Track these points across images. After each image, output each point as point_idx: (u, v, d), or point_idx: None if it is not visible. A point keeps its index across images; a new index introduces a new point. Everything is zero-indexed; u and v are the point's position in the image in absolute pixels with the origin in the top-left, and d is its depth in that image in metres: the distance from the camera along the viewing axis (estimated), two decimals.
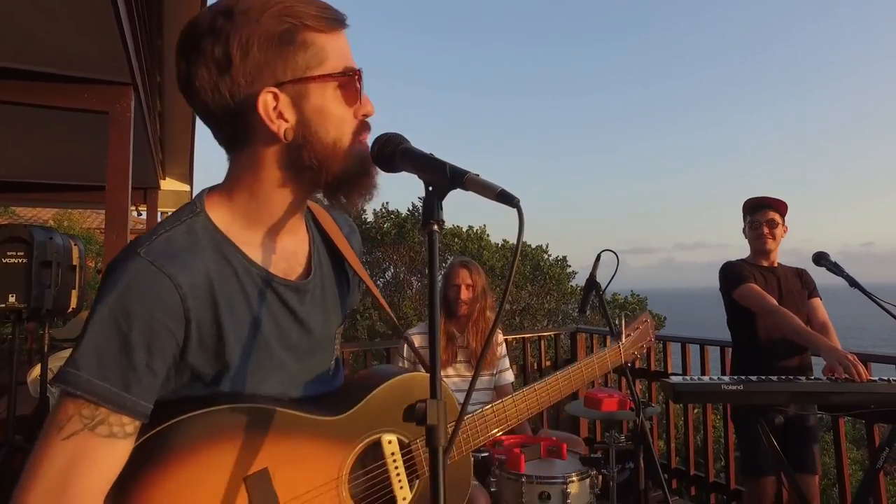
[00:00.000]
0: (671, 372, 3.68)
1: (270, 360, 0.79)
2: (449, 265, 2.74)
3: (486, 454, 2.03)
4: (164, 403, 0.72)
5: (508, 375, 2.71)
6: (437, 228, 0.64)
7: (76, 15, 2.10)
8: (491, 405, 1.04)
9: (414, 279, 11.48)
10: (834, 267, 2.28)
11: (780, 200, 2.55)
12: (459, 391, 2.51)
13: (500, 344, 2.76)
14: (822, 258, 2.32)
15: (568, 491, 1.93)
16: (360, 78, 0.76)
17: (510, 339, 3.62)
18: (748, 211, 2.60)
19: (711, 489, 3.36)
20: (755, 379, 1.99)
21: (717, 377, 2.11)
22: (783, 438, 2.40)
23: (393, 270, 11.76)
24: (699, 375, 2.19)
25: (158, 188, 5.38)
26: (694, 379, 2.05)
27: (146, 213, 5.75)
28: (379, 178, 0.80)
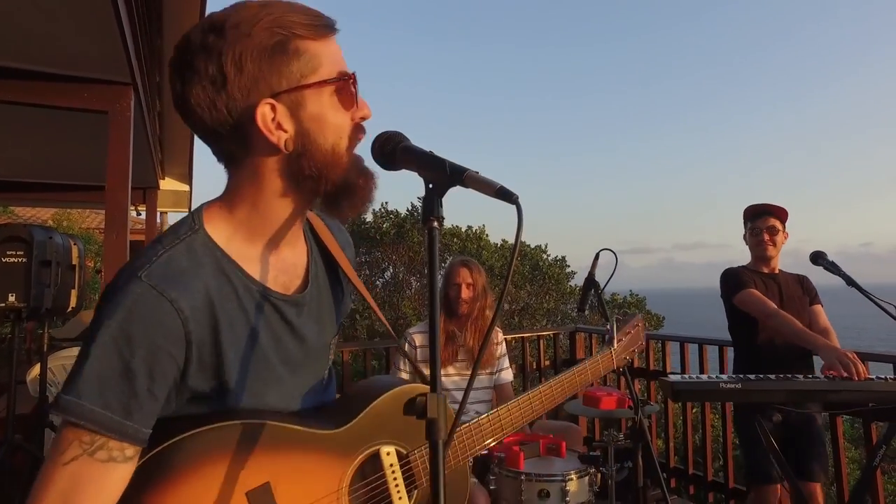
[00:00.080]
0: (670, 371, 3.69)
1: (269, 374, 0.80)
2: (449, 264, 2.74)
3: (485, 452, 2.04)
4: (164, 420, 0.72)
5: (508, 374, 2.72)
6: (437, 225, 0.64)
7: (76, 14, 2.11)
8: (486, 414, 1.06)
9: (413, 279, 11.48)
10: (831, 266, 2.29)
11: (780, 207, 2.57)
12: (459, 389, 2.52)
13: (499, 343, 2.77)
14: (819, 257, 2.33)
15: (567, 489, 1.94)
16: (354, 82, 0.76)
17: (509, 338, 3.63)
18: (749, 217, 2.62)
19: (710, 488, 3.37)
20: (753, 377, 2.00)
21: (715, 376, 2.11)
22: (788, 442, 2.39)
23: (392, 270, 11.76)
24: (697, 374, 2.20)
25: (158, 188, 5.39)
26: (692, 377, 2.06)
27: (145, 212, 5.76)
28: (377, 183, 0.80)
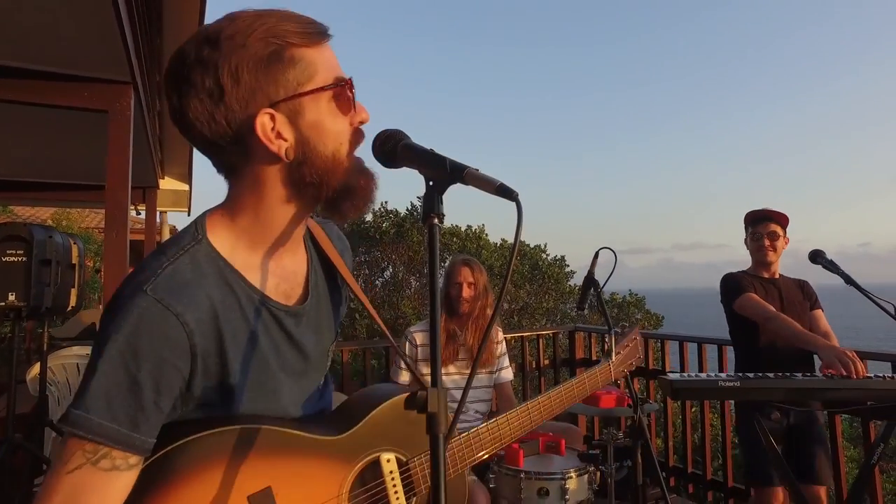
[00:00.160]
0: (669, 370, 3.70)
1: (270, 382, 0.81)
2: (450, 263, 2.74)
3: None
4: (167, 426, 0.73)
5: (507, 374, 2.72)
6: (437, 222, 0.65)
7: (76, 13, 2.11)
8: (485, 424, 1.07)
9: (413, 279, 11.49)
10: (830, 265, 2.30)
11: (781, 213, 2.59)
12: (459, 388, 2.52)
13: (499, 342, 2.77)
14: (818, 256, 2.34)
15: (566, 487, 1.95)
16: (351, 87, 0.77)
17: (509, 337, 3.64)
18: (750, 223, 2.64)
19: (709, 487, 3.38)
20: (752, 376, 2.01)
21: (714, 374, 2.12)
22: (791, 444, 2.40)
23: (392, 270, 11.76)
24: (696, 373, 2.21)
25: (157, 187, 5.38)
26: (691, 376, 2.07)
27: (145, 212, 5.76)
28: (378, 184, 0.81)
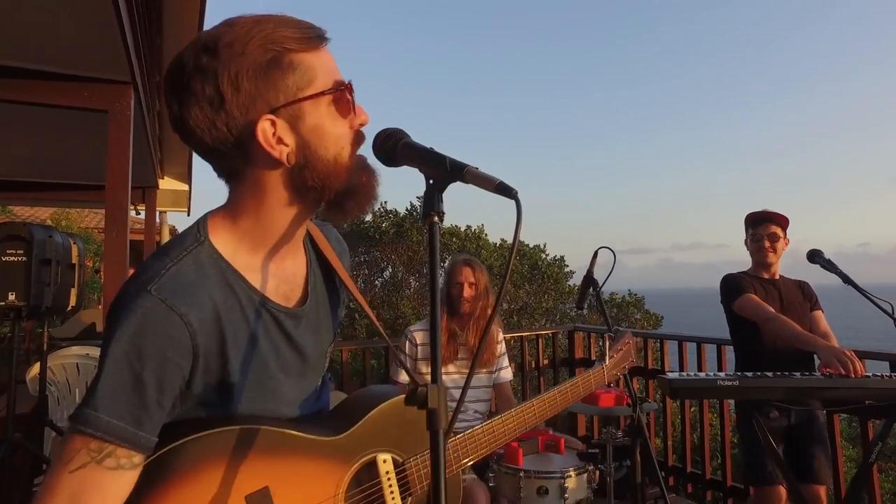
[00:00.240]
0: (668, 369, 3.71)
1: (269, 382, 0.82)
2: (451, 263, 2.74)
3: None
4: (167, 425, 0.74)
5: (507, 374, 2.72)
6: (437, 220, 0.65)
7: (76, 13, 2.11)
8: (481, 426, 1.09)
9: (412, 279, 11.49)
10: (827, 264, 2.31)
11: (781, 215, 2.59)
12: (459, 388, 2.53)
13: (499, 342, 2.77)
14: (815, 255, 2.35)
15: (565, 486, 1.95)
16: (350, 90, 0.78)
17: (508, 337, 3.64)
18: (750, 224, 2.64)
19: (708, 486, 3.39)
20: (751, 375, 2.01)
21: (713, 373, 2.13)
22: (790, 443, 2.40)
23: (391, 270, 11.77)
24: (695, 372, 2.21)
25: (157, 187, 5.38)
26: (690, 375, 2.07)
27: (144, 212, 5.76)
28: (378, 186, 0.82)
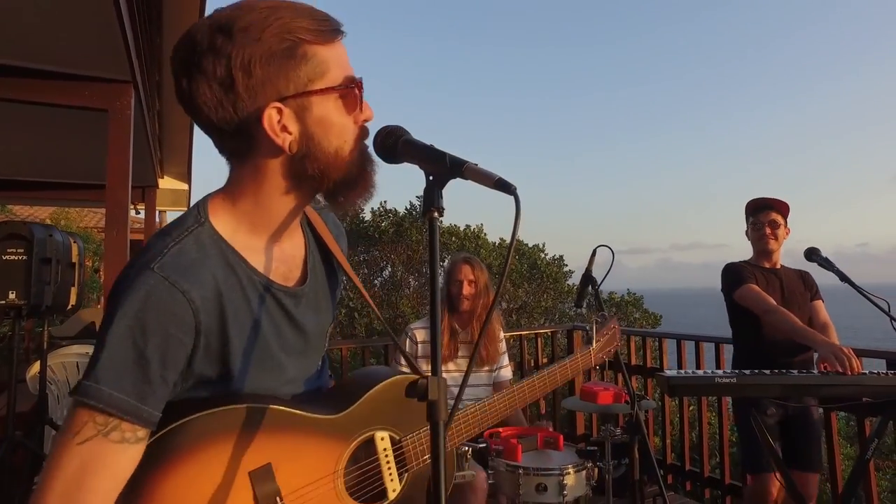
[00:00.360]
0: (666, 368, 3.71)
1: (270, 361, 0.83)
2: (451, 261, 2.75)
3: (483, 445, 2.06)
4: (170, 404, 0.75)
5: (507, 372, 2.73)
6: (437, 215, 0.67)
7: (77, 12, 2.12)
8: (474, 403, 1.12)
9: (412, 278, 11.49)
10: (825, 262, 2.32)
11: (782, 202, 2.57)
12: (459, 386, 2.54)
13: (500, 340, 2.78)
14: (813, 254, 2.36)
15: (564, 482, 1.96)
16: (360, 87, 0.78)
17: (507, 336, 3.65)
18: (750, 212, 2.62)
19: (706, 484, 3.40)
20: (748, 372, 2.03)
21: (711, 371, 2.14)
22: (786, 434, 2.42)
23: (390, 269, 11.77)
24: (693, 370, 2.22)
25: (157, 187, 5.39)
26: (688, 373, 2.08)
27: (144, 211, 5.76)
28: (377, 179, 0.83)
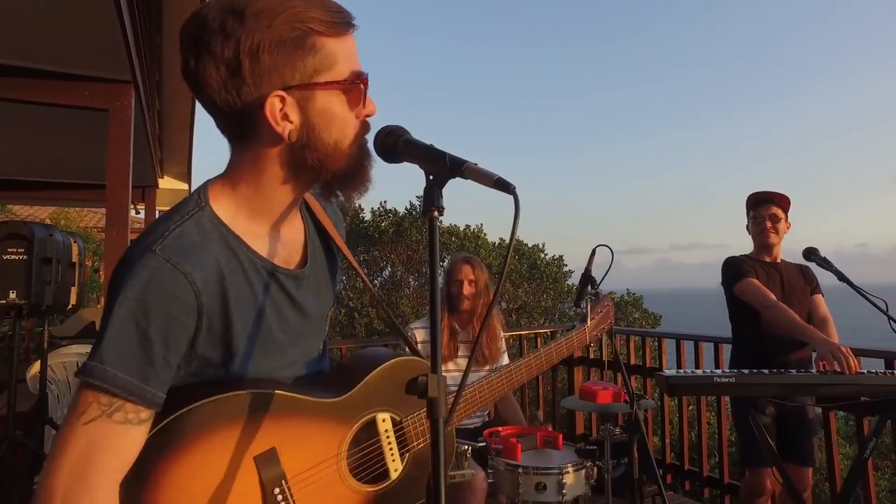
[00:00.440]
0: (666, 368, 3.72)
1: (272, 344, 0.83)
2: (451, 260, 2.76)
3: (483, 444, 2.07)
4: (174, 389, 0.76)
5: None
6: (437, 214, 0.67)
7: (77, 12, 2.12)
8: (473, 383, 1.14)
9: (411, 278, 11.49)
10: (823, 262, 2.32)
11: (782, 195, 2.57)
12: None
13: (500, 339, 2.79)
14: (811, 253, 2.36)
15: (563, 481, 1.97)
16: (365, 83, 0.79)
17: (507, 336, 3.66)
18: (751, 206, 2.62)
19: (705, 483, 3.41)
20: (747, 372, 2.03)
21: (709, 370, 2.14)
22: (782, 430, 2.44)
23: (390, 269, 11.77)
24: (692, 369, 2.23)
25: (157, 186, 5.39)
26: (687, 372, 2.09)
27: (144, 211, 5.77)
28: (373, 174, 0.83)
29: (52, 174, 5.00)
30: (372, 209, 11.94)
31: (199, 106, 0.81)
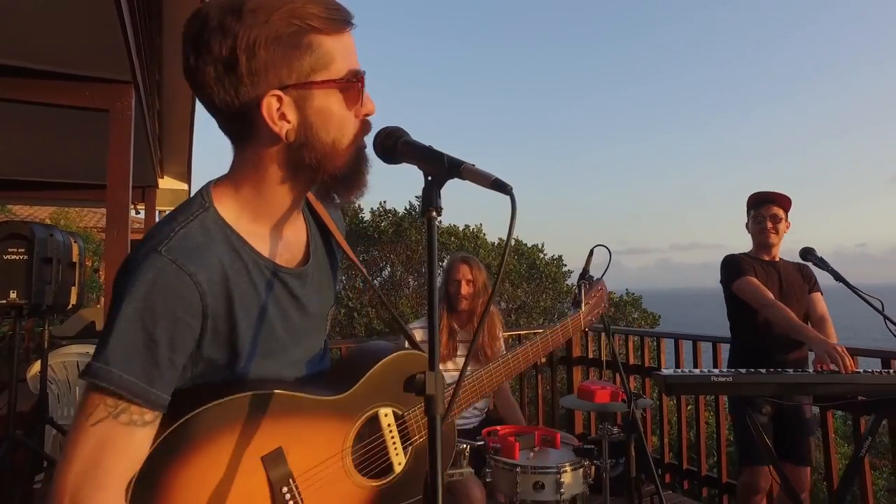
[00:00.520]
0: (664, 367, 3.73)
1: (275, 344, 0.84)
2: (450, 260, 2.77)
3: (481, 443, 2.08)
4: (180, 392, 0.76)
5: None
6: (435, 215, 0.68)
7: (78, 13, 2.13)
8: (471, 373, 1.14)
9: (411, 278, 11.51)
10: (820, 262, 2.33)
11: (783, 195, 2.57)
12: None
13: (500, 339, 2.80)
14: (808, 253, 2.37)
15: (561, 480, 1.97)
16: (363, 81, 0.79)
17: (506, 335, 3.67)
18: (752, 205, 2.63)
19: (704, 483, 3.41)
20: (744, 371, 2.04)
21: (707, 370, 2.15)
22: (779, 429, 2.45)
23: (390, 269, 11.78)
24: (690, 369, 2.24)
25: (157, 187, 5.40)
26: (684, 372, 2.10)
27: (144, 211, 5.77)
28: (371, 175, 0.84)
29: (52, 174, 5.00)
30: (371, 209, 11.96)
31: (199, 106, 0.82)
